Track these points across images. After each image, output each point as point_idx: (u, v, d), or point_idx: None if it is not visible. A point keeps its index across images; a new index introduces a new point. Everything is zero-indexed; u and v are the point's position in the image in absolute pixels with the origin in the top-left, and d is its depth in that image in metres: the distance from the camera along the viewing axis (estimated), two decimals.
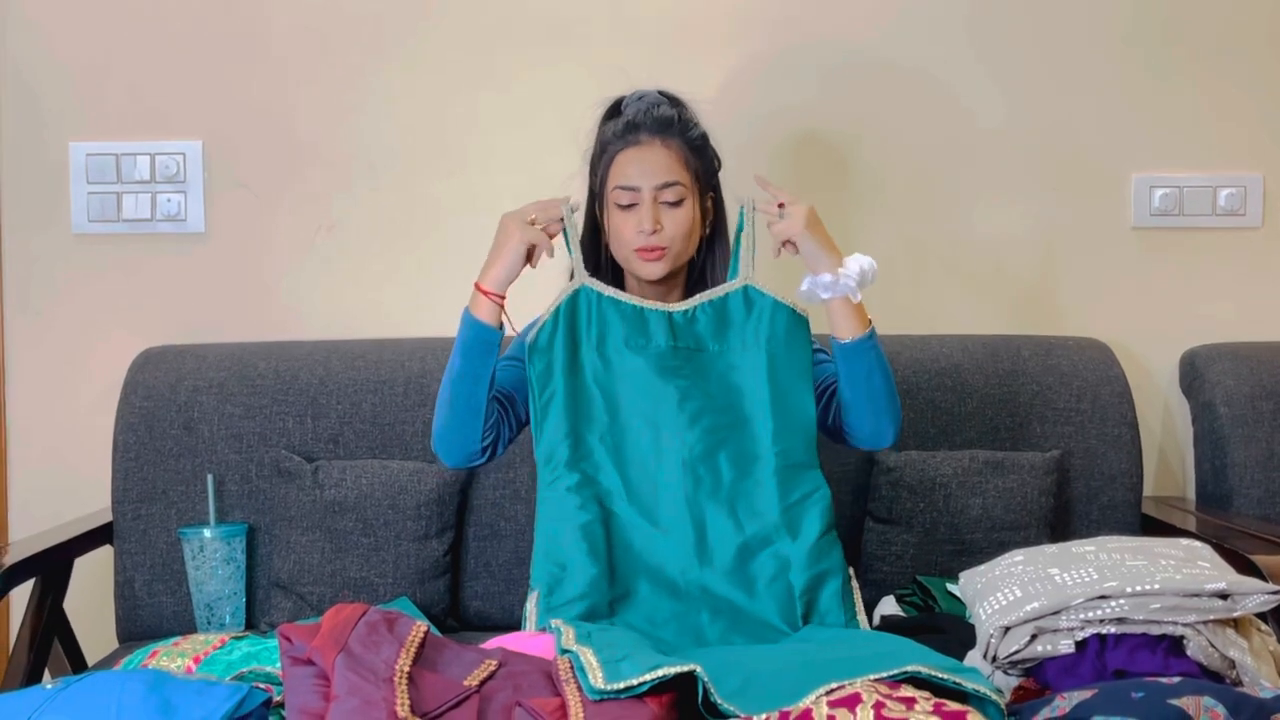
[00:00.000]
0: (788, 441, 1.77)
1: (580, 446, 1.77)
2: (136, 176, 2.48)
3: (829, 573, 1.73)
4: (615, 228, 1.87)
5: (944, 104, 2.54)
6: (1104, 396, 2.36)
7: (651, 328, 1.80)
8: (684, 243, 1.86)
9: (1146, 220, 2.56)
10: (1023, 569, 1.50)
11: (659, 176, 1.83)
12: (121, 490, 2.28)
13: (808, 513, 1.75)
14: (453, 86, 2.51)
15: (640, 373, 1.78)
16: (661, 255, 1.84)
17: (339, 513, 2.19)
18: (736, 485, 1.75)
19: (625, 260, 1.89)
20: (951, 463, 2.23)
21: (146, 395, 2.31)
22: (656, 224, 1.82)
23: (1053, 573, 1.46)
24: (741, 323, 1.81)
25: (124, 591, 2.27)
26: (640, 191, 1.83)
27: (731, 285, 1.84)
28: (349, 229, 2.52)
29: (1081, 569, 1.45)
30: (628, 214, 1.85)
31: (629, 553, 1.73)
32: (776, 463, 1.76)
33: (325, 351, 2.37)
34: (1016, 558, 1.55)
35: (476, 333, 1.81)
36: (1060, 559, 1.50)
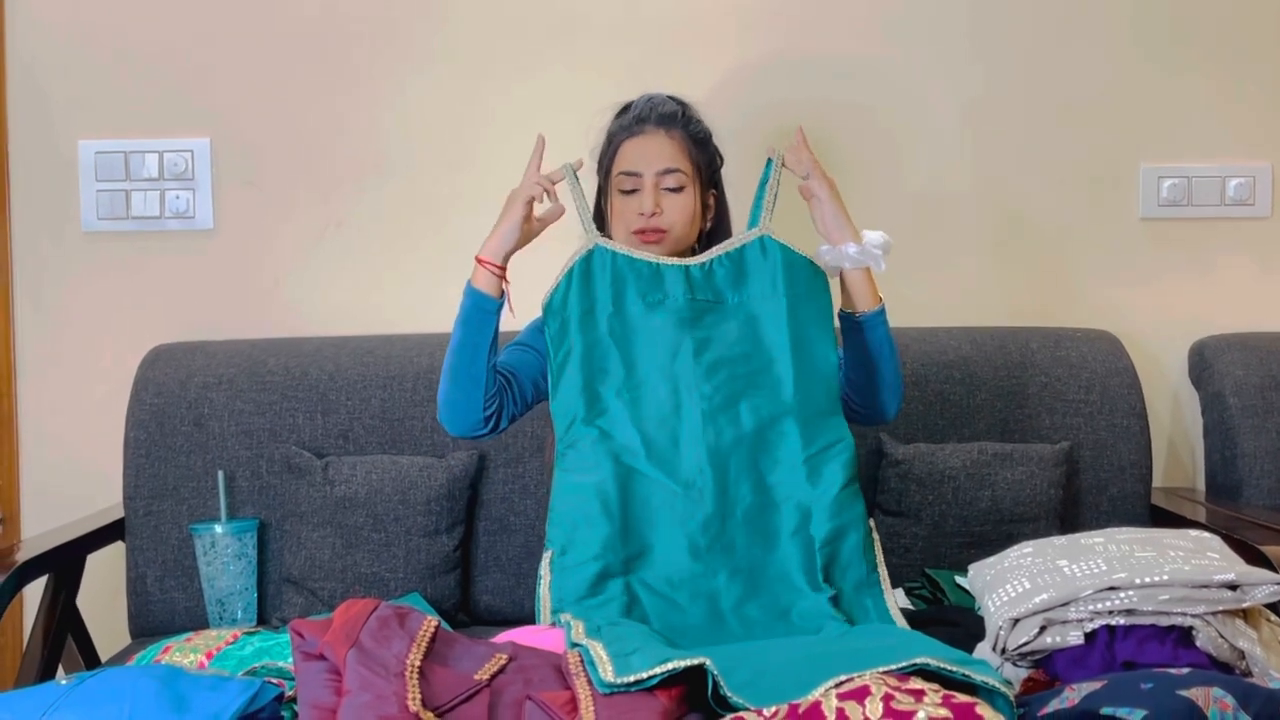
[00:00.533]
0: (809, 389, 1.76)
1: (597, 403, 1.75)
2: (145, 174, 2.49)
3: (850, 525, 1.71)
4: (618, 212, 1.90)
5: (949, 95, 2.54)
6: (1113, 388, 2.36)
7: (668, 283, 1.80)
8: (684, 229, 1.88)
9: (1155, 211, 2.55)
10: (1031, 561, 1.50)
11: (660, 162, 1.86)
12: (133, 487, 2.29)
13: (829, 462, 1.73)
14: (461, 84, 2.51)
15: (657, 327, 1.78)
16: (660, 239, 1.86)
17: (349, 508, 2.20)
18: (758, 435, 1.73)
19: (626, 243, 1.89)
20: (960, 455, 2.23)
21: (157, 392, 2.31)
22: (656, 207, 1.85)
23: (1061, 564, 1.46)
24: (760, 272, 1.81)
25: (136, 587, 2.28)
26: (642, 177, 1.86)
27: (749, 236, 1.84)
28: (357, 226, 2.52)
29: (1090, 560, 1.45)
30: (630, 198, 1.88)
31: (646, 509, 1.71)
32: (799, 411, 1.74)
33: (334, 348, 2.38)
34: (1025, 550, 1.55)
35: (475, 301, 1.82)
36: (1069, 551, 1.50)
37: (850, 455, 1.75)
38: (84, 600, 2.23)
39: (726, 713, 1.30)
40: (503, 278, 1.83)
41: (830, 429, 1.76)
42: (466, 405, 1.81)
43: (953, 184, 2.55)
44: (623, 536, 1.69)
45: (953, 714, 1.11)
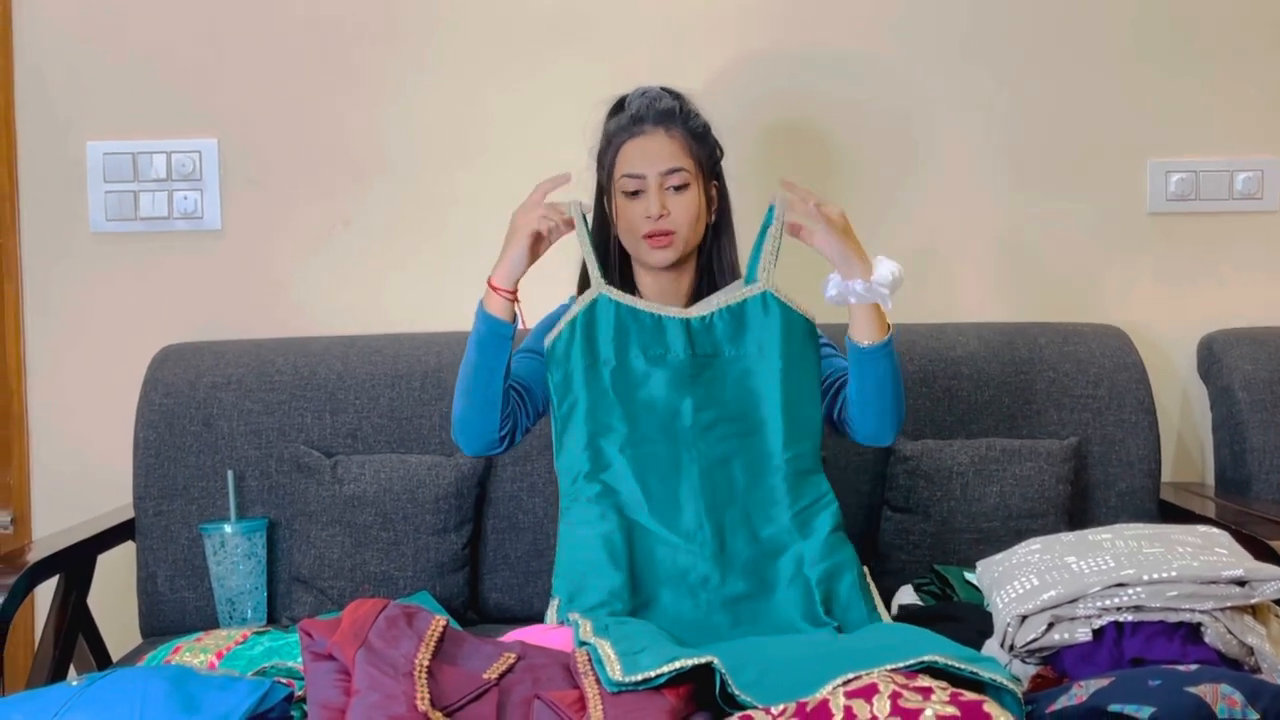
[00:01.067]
0: (798, 448, 1.79)
1: (600, 458, 1.78)
2: (153, 175, 2.49)
3: (843, 565, 1.75)
4: (623, 215, 1.89)
5: (956, 91, 2.53)
6: (1121, 383, 2.35)
7: (669, 336, 1.81)
8: (691, 228, 1.88)
9: (1163, 205, 2.55)
10: (1040, 557, 1.50)
11: (663, 163, 1.86)
12: (143, 487, 2.29)
13: (816, 516, 1.78)
14: (465, 82, 2.51)
15: (658, 383, 1.80)
16: (670, 241, 1.86)
17: (358, 507, 2.20)
18: (750, 492, 1.77)
19: (634, 248, 1.90)
20: (968, 451, 2.23)
21: (166, 392, 2.32)
22: (663, 209, 1.84)
23: (1069, 561, 1.46)
24: (758, 328, 1.82)
25: (146, 587, 2.29)
26: (646, 179, 1.86)
27: (751, 290, 1.84)
28: (364, 225, 2.52)
29: (1098, 557, 1.45)
30: (634, 201, 1.87)
31: (650, 561, 1.74)
32: (787, 469, 1.78)
33: (342, 347, 2.38)
34: (1033, 546, 1.55)
35: (490, 327, 1.83)
36: (1077, 547, 1.50)
37: (834, 508, 1.80)
38: (95, 600, 2.23)
39: (734, 711, 1.31)
40: (514, 300, 1.84)
41: (814, 486, 1.80)
42: (482, 426, 1.84)
43: (958, 179, 2.54)
44: (631, 587, 1.72)
45: (960, 712, 1.11)
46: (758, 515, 1.76)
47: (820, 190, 1.86)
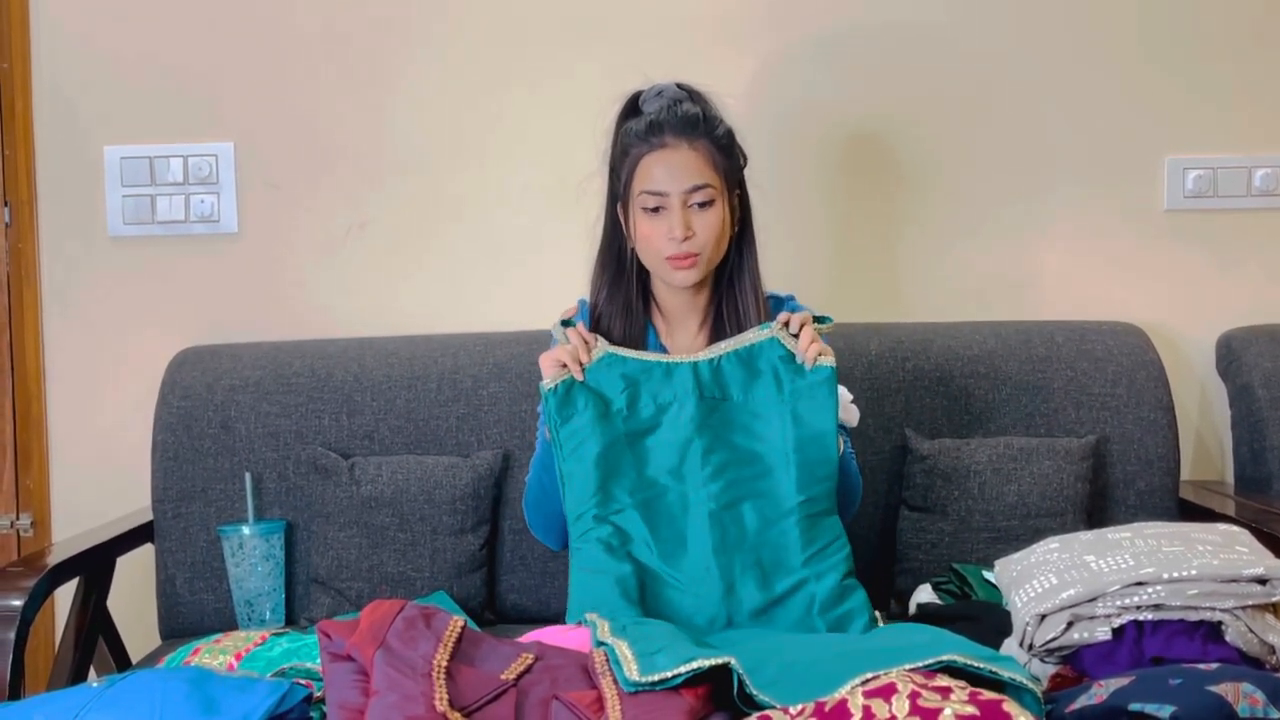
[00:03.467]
0: (811, 491, 1.75)
1: (611, 501, 1.75)
2: (170, 179, 2.50)
3: (855, 611, 1.71)
4: (643, 234, 1.83)
5: (972, 91, 2.52)
6: (1139, 381, 2.33)
7: (677, 382, 1.77)
8: (716, 247, 1.83)
9: (1180, 203, 2.53)
10: (1058, 556, 1.49)
11: (688, 180, 1.79)
12: (161, 489, 2.29)
13: (828, 559, 1.73)
14: (480, 83, 2.51)
15: (667, 428, 1.77)
16: (694, 262, 1.81)
17: (375, 508, 2.20)
18: (761, 535, 1.73)
19: (656, 268, 1.85)
20: (986, 450, 2.22)
21: (184, 395, 2.32)
22: (688, 230, 1.78)
23: (1088, 560, 1.45)
24: (767, 373, 1.78)
25: (165, 589, 2.29)
26: (669, 196, 1.79)
27: (759, 335, 1.80)
28: (380, 226, 2.53)
29: (1117, 556, 1.44)
30: (656, 219, 1.81)
31: (660, 602, 1.71)
32: (799, 512, 1.73)
33: (359, 349, 2.38)
34: (1052, 545, 1.55)
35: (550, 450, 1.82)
36: (1096, 546, 1.49)
37: (847, 552, 1.75)
38: (114, 602, 2.24)
39: (752, 711, 1.30)
40: None
41: (827, 529, 1.75)
42: (556, 530, 1.89)
43: (973, 181, 2.53)
44: None
45: (980, 711, 1.11)
46: (769, 559, 1.72)
47: (834, 193, 1.85)
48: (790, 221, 2.48)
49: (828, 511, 1.76)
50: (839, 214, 2.53)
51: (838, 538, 1.75)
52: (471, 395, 2.31)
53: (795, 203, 2.50)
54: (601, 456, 1.74)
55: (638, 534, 1.73)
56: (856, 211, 2.53)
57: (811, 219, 2.53)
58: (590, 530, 1.73)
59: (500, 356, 2.34)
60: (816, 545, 1.73)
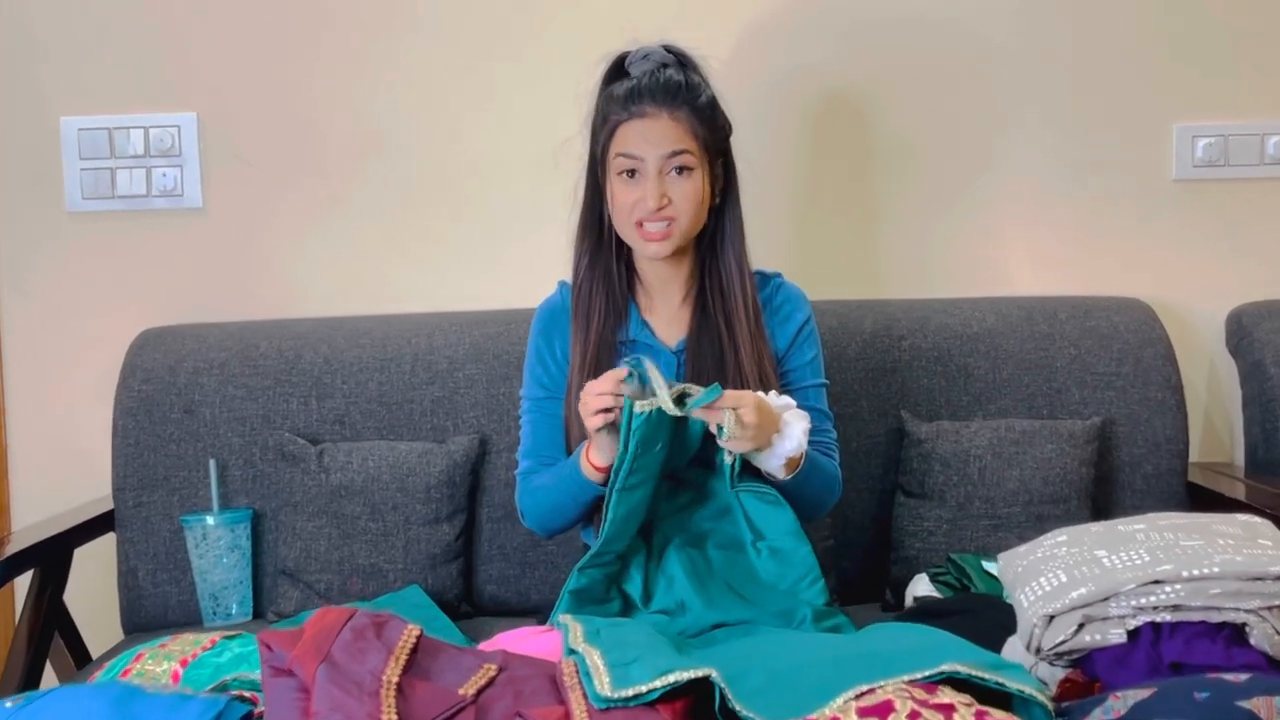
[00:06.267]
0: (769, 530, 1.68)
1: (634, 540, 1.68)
2: (130, 151, 2.40)
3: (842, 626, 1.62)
4: (618, 200, 1.75)
5: (971, 54, 2.42)
6: (1146, 359, 2.25)
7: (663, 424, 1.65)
8: (692, 217, 1.75)
9: (1189, 172, 2.44)
10: (1067, 551, 1.39)
11: (666, 145, 1.72)
12: (122, 477, 2.21)
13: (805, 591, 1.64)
14: (459, 50, 2.41)
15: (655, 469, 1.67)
16: (668, 232, 1.74)
17: (345, 497, 2.11)
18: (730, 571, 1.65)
19: (628, 236, 1.78)
20: (986, 433, 2.13)
21: (146, 378, 2.23)
22: (663, 198, 1.71)
23: (1100, 555, 1.35)
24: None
25: (127, 581, 2.21)
26: (644, 161, 1.72)
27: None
28: (352, 201, 2.43)
29: (1131, 550, 1.34)
30: (631, 184, 1.73)
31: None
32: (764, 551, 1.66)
33: (329, 329, 2.29)
34: (1059, 538, 1.44)
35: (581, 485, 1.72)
36: (1107, 539, 1.39)
37: (821, 585, 1.65)
38: (74, 595, 2.15)
39: None
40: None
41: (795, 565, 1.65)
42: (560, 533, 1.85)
43: (973, 148, 2.44)
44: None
45: None
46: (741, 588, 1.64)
47: (828, 160, 1.74)
48: (777, 192, 2.41)
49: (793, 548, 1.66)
50: (829, 184, 2.45)
51: (809, 572, 1.65)
52: (447, 377, 2.22)
53: (783, 172, 2.42)
54: (648, 502, 1.65)
55: (634, 571, 1.67)
56: (848, 182, 2.45)
57: (800, 189, 2.44)
58: (604, 565, 1.65)
59: (478, 336, 2.25)
60: (787, 582, 1.65)
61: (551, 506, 1.80)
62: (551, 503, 1.80)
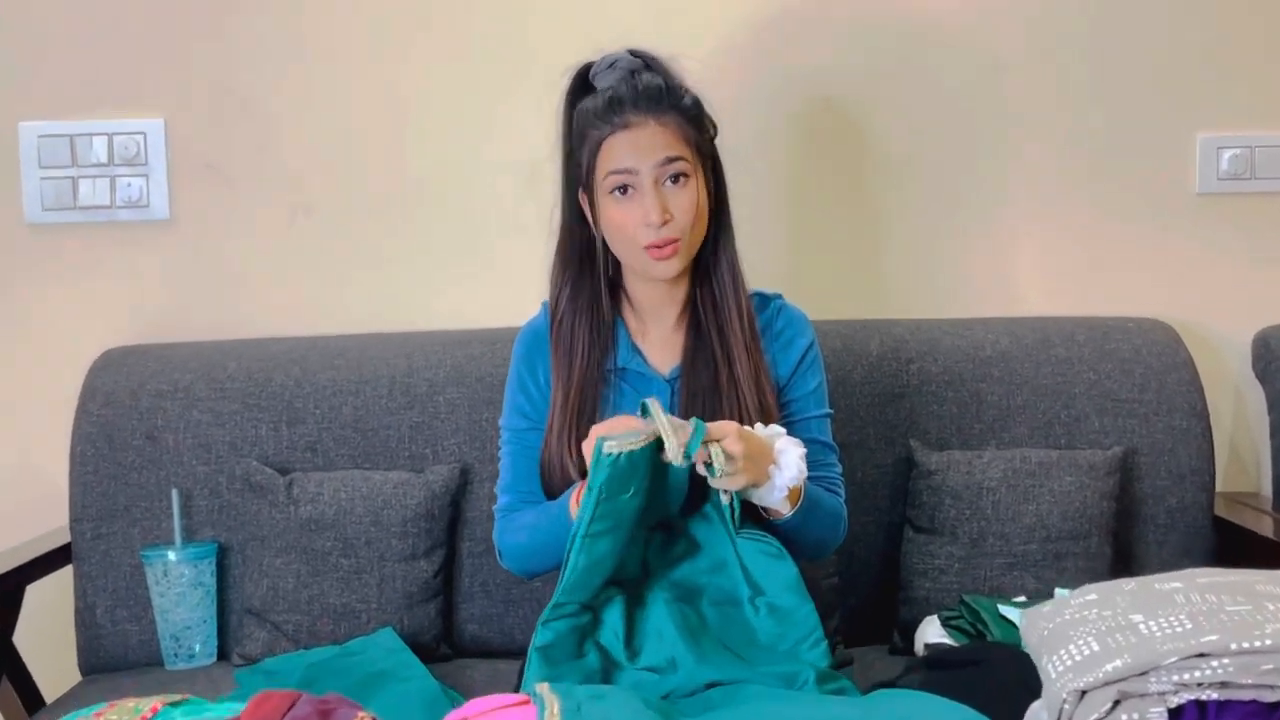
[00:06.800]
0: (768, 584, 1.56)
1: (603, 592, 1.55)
2: (93, 159, 2.29)
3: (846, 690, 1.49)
4: (615, 222, 1.62)
5: (980, 59, 2.31)
6: (1170, 385, 2.13)
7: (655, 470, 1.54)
8: (696, 229, 1.63)
9: (1214, 185, 2.33)
10: (1098, 614, 1.25)
11: (658, 153, 1.59)
12: (80, 507, 2.09)
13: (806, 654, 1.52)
14: (437, 56, 2.29)
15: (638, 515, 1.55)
16: (675, 250, 1.61)
17: (315, 531, 1.98)
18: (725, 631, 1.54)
19: (631, 259, 1.65)
20: (1000, 464, 2.00)
21: (106, 402, 2.11)
22: (665, 212, 1.59)
23: (1136, 620, 1.21)
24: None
25: (85, 619, 2.08)
26: (638, 174, 1.59)
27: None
28: (328, 213, 2.31)
29: (1171, 616, 1.20)
30: (627, 203, 1.61)
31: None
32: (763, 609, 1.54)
33: (302, 349, 2.18)
34: (1088, 596, 1.31)
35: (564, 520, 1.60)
36: (1143, 601, 1.25)
37: (824, 648, 1.53)
38: (28, 634, 2.03)
39: None
40: None
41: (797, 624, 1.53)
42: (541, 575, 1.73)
43: (984, 158, 2.33)
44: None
45: None
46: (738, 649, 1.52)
47: (830, 171, 1.63)
48: (775, 204, 2.30)
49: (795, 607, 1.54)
50: (832, 197, 2.33)
51: (811, 632, 1.52)
52: (426, 401, 2.10)
53: (781, 184, 2.31)
54: (619, 552, 1.52)
55: (610, 621, 1.53)
56: (852, 195, 2.34)
57: (800, 202, 2.33)
58: (570, 616, 1.52)
59: (460, 358, 2.13)
60: (787, 643, 1.52)
61: (534, 548, 1.67)
62: (535, 544, 1.67)
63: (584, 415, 1.65)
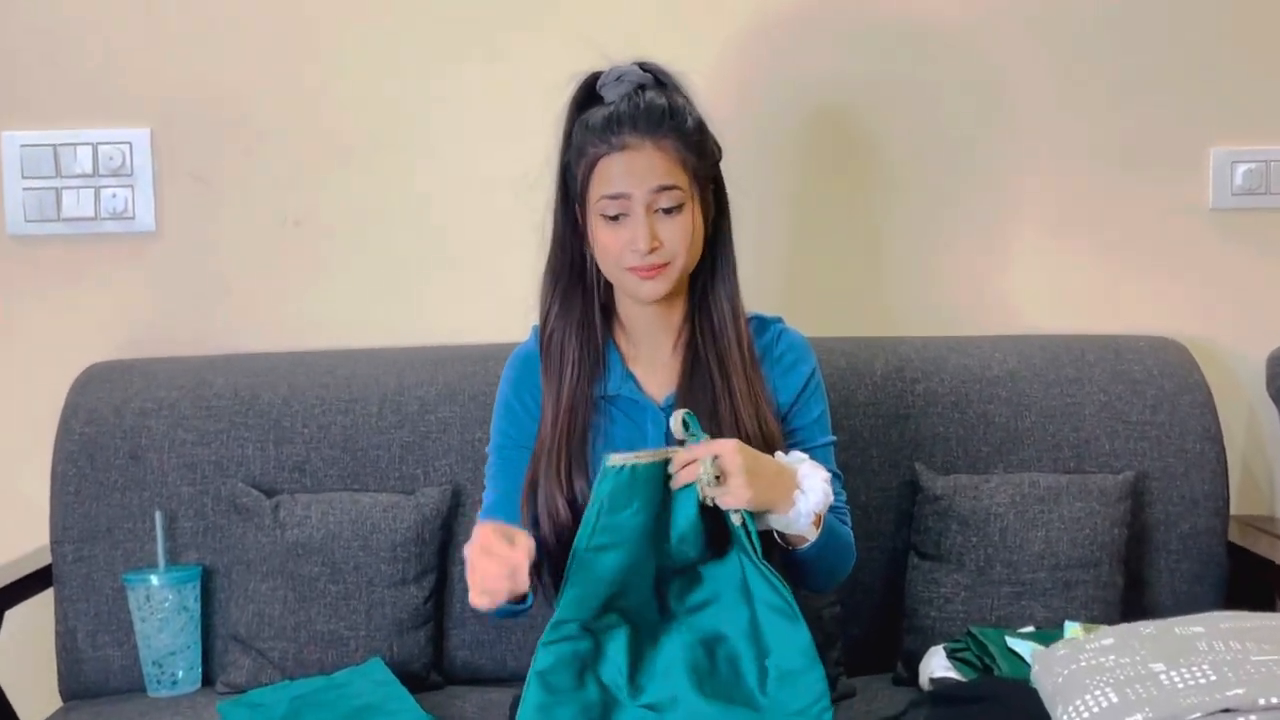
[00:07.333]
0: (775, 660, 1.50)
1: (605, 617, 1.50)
2: (78, 170, 2.24)
3: None
4: (603, 244, 1.58)
5: (986, 69, 2.26)
6: (1183, 407, 2.08)
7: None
8: (687, 255, 1.58)
9: (1228, 200, 2.28)
10: (1115, 661, 1.20)
11: (653, 179, 1.54)
12: (61, 529, 2.03)
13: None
14: (431, 62, 2.24)
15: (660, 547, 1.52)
16: (661, 273, 1.57)
17: (303, 555, 1.93)
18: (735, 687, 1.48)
19: (617, 279, 1.61)
20: (1008, 488, 1.95)
21: (88, 419, 2.06)
22: (654, 240, 1.54)
23: (1157, 670, 1.16)
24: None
25: (66, 644, 2.03)
26: (631, 199, 1.55)
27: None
28: (318, 224, 2.26)
29: (1193, 665, 1.15)
30: (617, 227, 1.56)
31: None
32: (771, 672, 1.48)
33: (290, 365, 2.13)
34: (1104, 641, 1.26)
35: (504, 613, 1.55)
36: (1163, 647, 1.20)
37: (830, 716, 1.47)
38: (6, 659, 2.00)
39: None
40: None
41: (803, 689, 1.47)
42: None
43: (992, 172, 2.28)
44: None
45: None
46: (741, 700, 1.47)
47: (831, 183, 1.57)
48: (771, 221, 2.25)
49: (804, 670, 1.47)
50: (831, 213, 2.28)
51: (818, 699, 1.46)
52: (418, 420, 2.05)
53: (778, 197, 2.26)
54: (623, 572, 1.47)
55: (613, 655, 1.48)
56: (852, 209, 2.29)
57: (798, 219, 2.28)
58: (572, 639, 1.47)
59: (453, 375, 2.08)
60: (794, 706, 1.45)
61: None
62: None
63: (574, 437, 1.60)
